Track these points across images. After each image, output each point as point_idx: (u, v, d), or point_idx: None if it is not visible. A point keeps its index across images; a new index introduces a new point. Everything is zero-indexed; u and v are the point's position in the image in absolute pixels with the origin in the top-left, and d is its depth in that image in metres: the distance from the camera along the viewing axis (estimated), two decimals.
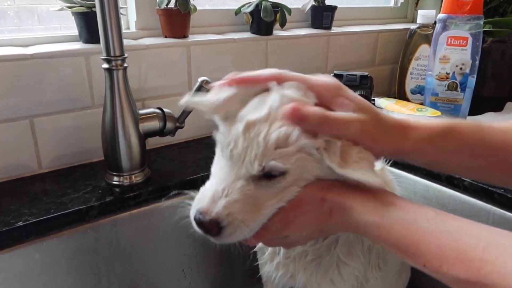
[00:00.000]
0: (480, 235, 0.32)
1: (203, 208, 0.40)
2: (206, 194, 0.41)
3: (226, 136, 0.43)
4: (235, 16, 0.97)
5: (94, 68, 0.74)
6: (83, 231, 0.64)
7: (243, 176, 0.41)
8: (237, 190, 0.40)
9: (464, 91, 0.94)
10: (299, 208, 0.41)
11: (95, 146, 0.77)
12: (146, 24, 0.86)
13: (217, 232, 0.40)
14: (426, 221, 0.35)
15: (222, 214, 0.40)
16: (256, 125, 0.41)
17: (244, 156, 0.40)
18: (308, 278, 0.54)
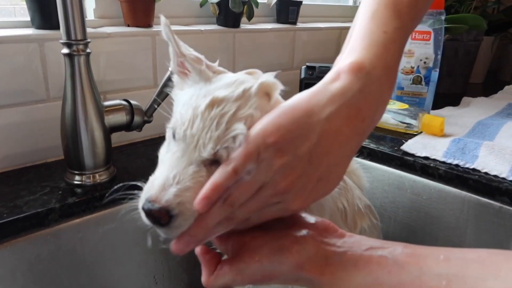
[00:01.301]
0: (440, 271, 0.33)
1: (152, 196, 0.36)
2: (156, 183, 0.37)
3: (181, 113, 0.38)
4: (200, 8, 0.93)
5: (50, 57, 0.67)
6: (42, 238, 0.56)
7: (195, 160, 0.37)
8: (189, 177, 0.36)
9: (428, 84, 0.97)
10: (269, 278, 0.38)
11: (51, 144, 0.69)
12: (106, 12, 0.79)
13: (167, 222, 0.36)
14: (388, 275, 0.35)
15: (172, 202, 0.36)
16: (222, 104, 0.37)
17: (198, 138, 0.37)
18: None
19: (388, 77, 0.38)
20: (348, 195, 0.59)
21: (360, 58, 0.38)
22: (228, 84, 0.39)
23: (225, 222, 0.36)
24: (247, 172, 0.35)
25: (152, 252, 0.69)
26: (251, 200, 0.36)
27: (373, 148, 0.80)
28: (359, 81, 0.36)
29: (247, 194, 0.35)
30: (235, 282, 0.39)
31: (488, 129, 0.88)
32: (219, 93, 0.38)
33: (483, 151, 0.74)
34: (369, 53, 0.38)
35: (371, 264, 0.36)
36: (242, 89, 0.38)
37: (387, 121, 0.92)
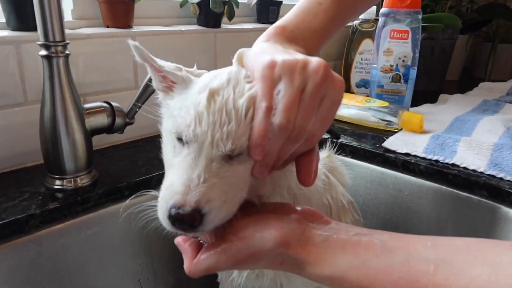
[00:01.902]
0: (429, 256, 0.33)
1: (179, 201, 0.35)
2: (176, 188, 0.36)
3: (182, 116, 0.38)
4: (180, 8, 0.93)
5: (27, 59, 0.65)
6: (22, 245, 0.55)
7: (215, 157, 0.36)
8: (214, 174, 0.36)
9: (407, 82, 0.98)
10: (254, 257, 0.38)
11: (29, 148, 0.68)
12: (85, 13, 0.78)
13: (200, 222, 0.36)
14: (376, 258, 0.35)
15: (202, 201, 0.35)
16: (220, 92, 0.38)
17: (212, 132, 0.36)
18: (275, 272, 0.52)
19: (313, 39, 0.45)
20: (332, 191, 0.60)
21: (285, 22, 0.45)
22: (215, 75, 0.40)
23: (293, 142, 0.36)
24: (277, 94, 0.36)
25: (137, 255, 0.68)
26: (302, 106, 0.35)
27: (355, 145, 0.81)
28: (285, 39, 0.43)
29: (293, 104, 0.35)
30: (219, 263, 0.38)
31: (465, 125, 0.90)
32: (212, 83, 0.38)
33: (461, 146, 0.76)
34: (296, 18, 0.46)
35: (358, 248, 0.36)
36: (226, 73, 0.40)
37: (368, 119, 0.93)
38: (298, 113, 0.35)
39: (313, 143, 0.38)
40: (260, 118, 0.35)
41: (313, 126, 0.36)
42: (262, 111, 0.35)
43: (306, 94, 0.35)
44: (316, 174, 0.40)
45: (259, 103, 0.36)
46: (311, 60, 0.37)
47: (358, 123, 0.94)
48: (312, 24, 0.46)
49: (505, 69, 1.57)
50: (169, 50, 0.83)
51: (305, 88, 0.36)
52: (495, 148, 0.74)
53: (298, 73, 0.36)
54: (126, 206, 0.61)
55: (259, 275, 0.52)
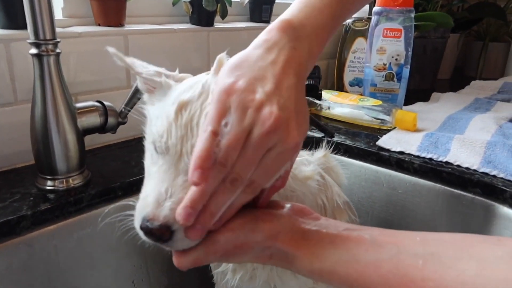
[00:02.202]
0: (417, 251, 0.34)
1: (149, 214, 0.36)
2: (149, 199, 0.37)
3: (157, 126, 0.38)
4: (173, 7, 0.92)
5: (16, 58, 0.64)
6: (13, 247, 0.53)
7: (182, 170, 0.37)
8: (179, 188, 0.36)
9: (400, 81, 0.99)
10: (241, 249, 0.38)
11: (20, 149, 0.67)
12: (75, 11, 0.77)
13: (169, 237, 0.36)
14: (365, 252, 0.35)
15: (170, 217, 0.35)
16: (187, 106, 0.38)
17: (180, 146, 0.37)
18: (268, 273, 0.51)
19: (317, 35, 0.43)
20: (327, 191, 0.59)
21: (290, 16, 0.42)
22: (190, 86, 0.40)
23: (230, 188, 0.34)
24: (225, 126, 0.34)
25: (130, 256, 0.67)
26: (246, 150, 0.34)
27: (349, 144, 0.81)
28: (287, 36, 0.40)
29: (237, 144, 0.33)
30: (207, 255, 0.37)
31: (458, 123, 0.91)
32: (183, 96, 0.38)
33: (454, 144, 0.76)
34: (301, 13, 0.43)
35: (348, 242, 0.36)
36: (201, 85, 0.39)
37: (361, 118, 0.93)
38: (238, 157, 0.33)
39: (252, 192, 0.36)
40: (203, 141, 0.33)
41: (254, 174, 0.35)
42: (207, 134, 0.33)
43: (250, 140, 0.33)
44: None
45: (206, 126, 0.34)
46: (269, 105, 0.34)
47: (351, 121, 0.94)
48: (317, 21, 0.43)
49: (495, 67, 1.59)
50: (161, 48, 0.83)
51: (252, 132, 0.33)
52: (488, 146, 0.75)
53: (250, 113, 0.34)
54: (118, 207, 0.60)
55: (253, 277, 0.52)
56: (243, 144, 0.33)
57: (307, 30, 0.41)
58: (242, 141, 0.33)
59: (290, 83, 0.37)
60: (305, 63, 0.40)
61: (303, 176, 0.55)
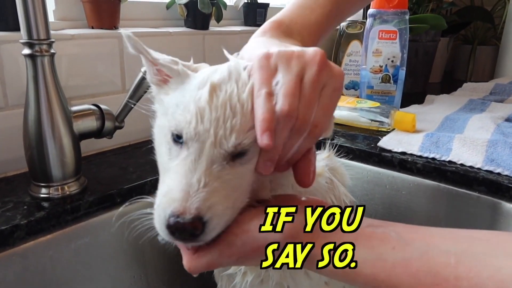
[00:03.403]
0: (448, 248, 0.32)
1: (178, 209, 0.33)
2: (175, 193, 0.33)
3: (180, 113, 0.36)
4: (167, 11, 0.90)
5: (7, 60, 0.61)
6: (7, 258, 0.50)
7: (217, 157, 0.34)
8: (214, 177, 0.34)
9: (397, 83, 0.99)
10: (260, 251, 0.36)
11: (11, 156, 0.64)
12: (68, 14, 0.74)
13: (202, 230, 0.33)
14: (392, 251, 0.33)
15: (203, 208, 0.33)
16: (222, 87, 0.35)
17: (215, 130, 0.34)
18: (281, 274, 0.49)
19: (310, 33, 0.45)
20: (335, 190, 0.58)
21: (281, 17, 0.44)
22: (213, 71, 0.38)
23: (296, 134, 0.34)
24: (276, 84, 0.34)
25: (130, 266, 0.64)
26: (304, 92, 0.34)
27: (350, 146, 0.80)
28: (281, 34, 0.42)
29: (295, 90, 0.33)
30: (221, 258, 0.35)
31: (456, 123, 0.90)
32: (213, 78, 0.36)
33: (456, 143, 0.76)
34: (292, 13, 0.45)
35: (373, 240, 0.34)
36: (226, 67, 0.38)
37: (358, 120, 0.92)
38: (299, 102, 0.34)
39: (316, 135, 0.36)
40: (262, 103, 0.33)
41: (316, 116, 0.35)
42: (263, 97, 0.33)
43: (305, 82, 0.34)
44: (314, 175, 0.39)
45: (258, 91, 0.34)
46: (308, 49, 0.36)
47: (349, 124, 0.93)
48: (309, 19, 0.46)
49: (484, 70, 1.61)
50: (157, 51, 0.80)
51: (304, 76, 0.34)
52: (489, 144, 0.74)
53: (295, 61, 0.35)
54: (118, 215, 0.58)
55: (264, 279, 0.50)
56: (299, 89, 0.34)
57: (298, 27, 0.43)
58: (298, 85, 0.34)
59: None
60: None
61: None
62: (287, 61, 0.35)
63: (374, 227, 0.35)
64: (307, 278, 0.50)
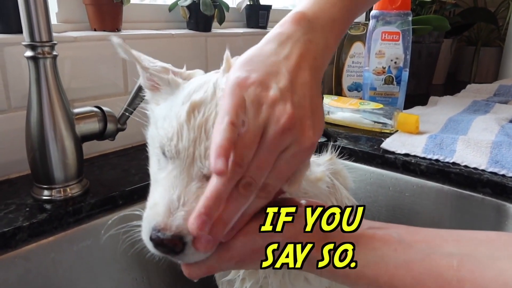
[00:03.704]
0: (451, 250, 0.32)
1: (160, 224, 0.33)
2: (159, 208, 0.34)
3: (165, 128, 0.36)
4: (169, 13, 0.90)
5: (10, 63, 0.61)
6: (9, 261, 0.50)
7: (195, 176, 0.34)
8: (193, 195, 0.34)
9: (400, 84, 0.98)
10: (260, 254, 0.36)
11: (13, 158, 0.64)
12: (71, 16, 0.74)
13: (181, 249, 0.33)
14: (394, 253, 0.33)
15: (184, 227, 0.33)
16: (201, 108, 0.35)
17: (193, 149, 0.34)
18: (280, 280, 0.49)
19: (332, 28, 0.41)
20: (337, 194, 0.58)
21: (304, 9, 0.41)
22: (200, 85, 0.38)
23: (243, 194, 0.31)
24: (242, 123, 0.32)
25: (132, 269, 0.64)
26: (260, 151, 0.32)
27: (353, 148, 0.79)
28: (302, 28, 0.38)
29: (253, 143, 0.31)
30: (221, 263, 0.35)
31: (460, 125, 0.90)
32: (195, 96, 0.36)
33: (459, 145, 0.75)
34: (314, 6, 0.41)
35: (374, 241, 0.34)
36: (212, 84, 0.37)
37: (361, 122, 0.92)
38: (252, 160, 0.31)
39: (266, 197, 0.34)
40: (222, 131, 0.30)
41: (268, 178, 0.33)
42: (225, 124, 0.31)
43: (264, 141, 0.32)
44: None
45: (222, 118, 0.31)
46: (280, 104, 0.32)
47: (352, 126, 0.93)
48: (331, 14, 0.42)
49: (488, 72, 1.60)
50: (159, 54, 0.80)
51: (266, 131, 0.32)
52: (493, 145, 0.74)
53: (265, 109, 0.32)
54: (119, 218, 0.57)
55: (263, 285, 0.49)
56: (258, 143, 0.32)
57: (321, 22, 0.40)
58: (258, 138, 0.32)
59: (305, 79, 0.35)
60: (321, 57, 0.38)
61: (314, 177, 0.53)
62: (258, 103, 0.32)
63: (376, 229, 0.35)
64: (307, 284, 0.49)
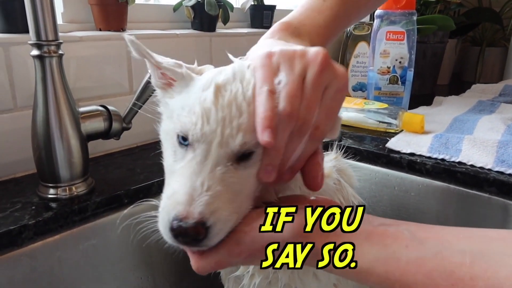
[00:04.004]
0: (463, 247, 0.31)
1: (182, 213, 0.32)
2: (179, 196, 0.33)
3: (185, 115, 0.35)
4: (174, 13, 0.90)
5: (16, 62, 0.62)
6: (14, 259, 0.50)
7: (221, 159, 0.34)
8: (217, 180, 0.33)
9: (404, 84, 0.98)
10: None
11: (19, 157, 0.64)
12: (76, 16, 0.75)
13: (204, 235, 0.33)
14: (405, 249, 0.32)
15: (206, 212, 0.32)
16: (227, 87, 0.35)
17: (222, 129, 0.33)
18: (289, 276, 0.49)
19: (318, 33, 0.45)
20: (343, 191, 0.57)
21: (290, 19, 0.45)
22: (218, 72, 0.38)
23: (297, 136, 0.34)
24: (278, 83, 0.34)
25: (137, 268, 0.64)
26: (306, 93, 0.34)
27: (357, 147, 0.79)
28: (289, 35, 0.43)
29: (297, 90, 0.33)
30: (231, 256, 0.35)
31: (465, 125, 0.89)
32: (217, 79, 0.36)
33: (465, 144, 0.75)
34: (301, 15, 0.46)
35: (386, 238, 0.33)
36: (231, 67, 0.38)
37: (365, 121, 0.91)
38: (301, 103, 0.33)
39: (318, 138, 0.35)
40: (263, 101, 0.33)
41: (318, 117, 0.34)
42: (265, 94, 0.33)
43: (307, 82, 0.34)
44: (323, 178, 0.38)
45: (260, 89, 0.34)
46: (310, 49, 0.35)
47: (356, 125, 0.92)
48: (317, 20, 0.46)
49: (493, 72, 1.59)
50: (164, 53, 0.79)
51: (306, 76, 0.34)
52: (499, 145, 0.73)
53: (298, 61, 0.34)
54: (124, 216, 0.58)
55: (272, 281, 0.49)
56: (302, 89, 0.34)
57: (307, 28, 0.43)
58: (301, 85, 0.34)
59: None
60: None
61: None
62: (289, 60, 0.35)
63: (387, 225, 0.35)
64: (316, 280, 0.49)
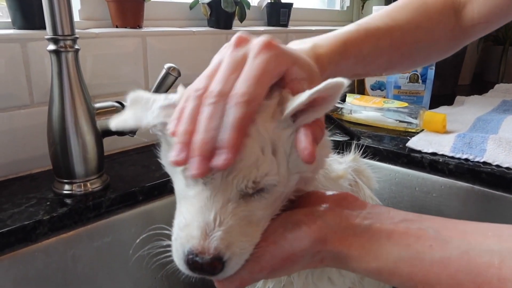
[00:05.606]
0: (491, 247, 0.29)
1: (197, 247, 0.32)
2: (193, 231, 0.32)
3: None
4: (190, 11, 0.90)
5: (33, 58, 0.62)
6: (29, 254, 0.50)
7: (232, 196, 0.33)
8: (230, 215, 0.32)
9: (425, 82, 0.95)
10: (290, 260, 0.34)
11: (35, 153, 0.64)
12: (93, 13, 0.75)
13: (221, 269, 0.32)
14: (429, 249, 0.31)
15: (222, 247, 0.32)
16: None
17: (229, 170, 0.32)
18: (304, 281, 0.47)
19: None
20: (360, 193, 0.56)
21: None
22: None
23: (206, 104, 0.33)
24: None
25: (151, 268, 0.63)
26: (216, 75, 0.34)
27: (377, 147, 0.77)
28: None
29: (211, 73, 0.34)
30: (253, 274, 0.34)
31: (489, 124, 0.86)
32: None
33: (490, 144, 0.72)
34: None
35: (408, 237, 0.32)
36: None
37: (385, 121, 0.89)
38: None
39: (245, 104, 0.31)
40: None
41: (237, 86, 0.32)
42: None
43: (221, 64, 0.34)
44: (314, 148, 0.34)
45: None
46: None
47: (375, 125, 0.90)
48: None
49: None
50: (180, 51, 0.80)
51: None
52: None
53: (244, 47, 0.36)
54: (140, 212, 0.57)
55: (286, 285, 0.48)
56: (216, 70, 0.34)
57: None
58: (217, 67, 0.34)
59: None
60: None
61: (335, 175, 0.52)
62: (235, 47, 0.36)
63: (409, 221, 0.33)
64: (331, 284, 0.48)
